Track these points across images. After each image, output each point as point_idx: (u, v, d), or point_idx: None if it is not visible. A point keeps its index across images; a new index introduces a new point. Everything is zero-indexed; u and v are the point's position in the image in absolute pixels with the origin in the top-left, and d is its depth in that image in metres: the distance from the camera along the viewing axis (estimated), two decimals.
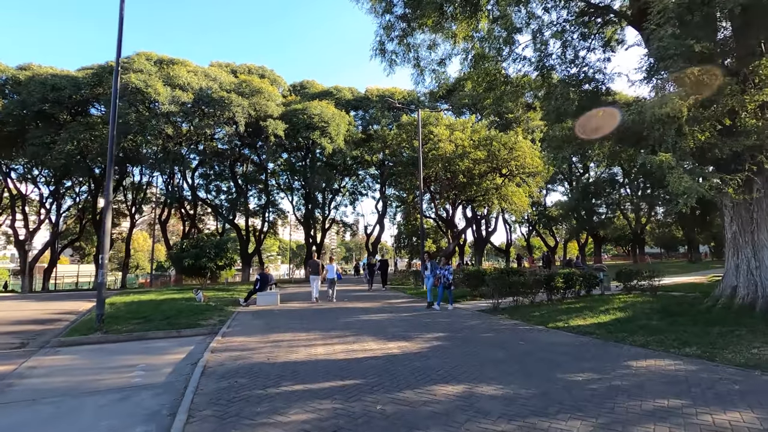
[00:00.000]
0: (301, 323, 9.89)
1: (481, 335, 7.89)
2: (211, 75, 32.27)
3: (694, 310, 8.30)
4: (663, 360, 5.78)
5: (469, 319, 10.00)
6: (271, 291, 14.07)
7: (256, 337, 8.23)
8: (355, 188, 49.07)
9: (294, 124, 32.97)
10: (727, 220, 8.23)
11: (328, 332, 8.57)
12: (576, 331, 7.93)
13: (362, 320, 10.27)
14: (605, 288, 15.29)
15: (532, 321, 9.31)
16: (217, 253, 20.40)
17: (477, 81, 11.35)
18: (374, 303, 14.29)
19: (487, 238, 45.45)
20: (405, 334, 8.20)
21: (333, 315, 11.37)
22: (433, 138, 26.14)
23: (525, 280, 12.07)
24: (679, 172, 6.04)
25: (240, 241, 41.31)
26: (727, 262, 8.32)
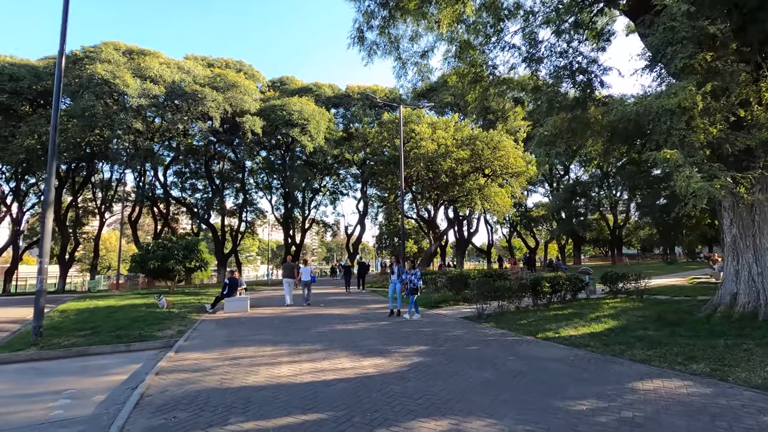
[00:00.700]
0: (269, 334, 8.97)
1: (467, 349, 7.14)
2: (184, 68, 30.83)
3: (692, 318, 7.76)
4: (671, 380, 5.13)
5: (453, 328, 9.26)
6: (240, 296, 13.05)
7: (214, 352, 7.28)
8: (335, 188, 48.09)
9: (272, 120, 31.81)
10: (726, 223, 7.73)
11: (297, 345, 7.69)
12: (569, 343, 7.27)
13: (336, 330, 9.41)
14: (590, 291, 14.85)
15: (520, 330, 8.63)
16: (186, 255, 19.15)
17: (462, 73, 10.63)
18: (351, 309, 13.44)
19: (469, 239, 45.10)
20: (382, 347, 7.38)
21: (305, 323, 10.47)
22: (414, 136, 25.45)
23: (511, 284, 11.43)
24: (688, 170, 5.44)
25: (215, 241, 39.83)
26: (726, 268, 7.81)
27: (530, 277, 12.51)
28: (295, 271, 16.22)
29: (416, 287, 10.53)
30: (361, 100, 38.13)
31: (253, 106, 31.36)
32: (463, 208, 27.07)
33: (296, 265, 16.65)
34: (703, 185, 5.28)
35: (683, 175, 5.40)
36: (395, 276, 11.41)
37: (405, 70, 13.49)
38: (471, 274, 14.61)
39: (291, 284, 15.90)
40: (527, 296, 12.21)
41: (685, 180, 5.35)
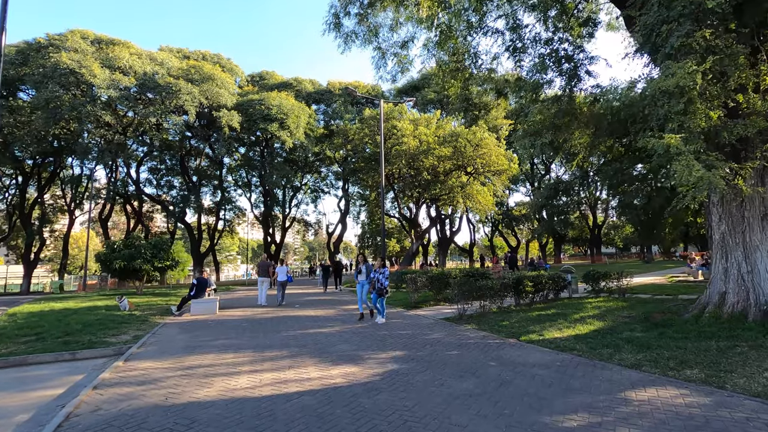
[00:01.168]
0: (234, 339, 8.29)
1: (446, 354, 6.62)
2: (157, 59, 29.59)
3: (680, 319, 7.43)
4: (665, 388, 4.70)
5: (432, 331, 8.75)
6: (209, 297, 12.28)
7: (168, 360, 6.57)
8: (316, 186, 47.25)
9: (250, 115, 30.85)
10: (715, 219, 7.42)
11: (262, 352, 7.04)
12: (554, 347, 6.82)
13: (308, 334, 8.79)
14: (573, 291, 14.61)
15: (502, 332, 8.17)
16: (155, 254, 18.17)
17: (443, 63, 10.12)
18: (326, 310, 12.82)
19: (451, 238, 44.86)
20: (355, 353, 6.80)
21: (276, 326, 9.81)
22: (396, 133, 24.93)
23: (492, 284, 11.00)
24: (687, 158, 5.03)
25: (191, 240, 38.57)
26: (715, 266, 7.51)
27: (512, 277, 12.11)
28: (270, 270, 15.53)
29: (384, 288, 9.66)
30: (342, 96, 37.41)
31: (230, 100, 30.34)
32: (445, 207, 26.70)
33: (271, 263, 15.93)
34: (704, 174, 4.86)
35: (683, 164, 4.98)
36: (363, 276, 10.58)
37: (384, 61, 12.96)
38: (452, 273, 14.16)
39: (265, 283, 15.27)
40: (509, 296, 11.83)
41: (686, 169, 4.94)
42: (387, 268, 10.08)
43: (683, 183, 5.07)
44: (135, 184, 34.98)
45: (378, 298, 9.79)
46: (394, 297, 15.55)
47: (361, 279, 10.54)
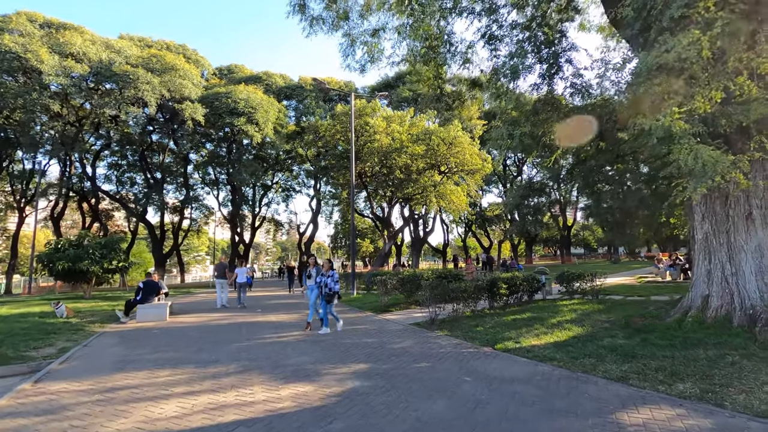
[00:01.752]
0: (178, 351, 7.31)
1: (415, 367, 5.91)
2: (114, 47, 27.70)
3: (661, 324, 7.01)
4: (659, 407, 4.15)
5: (402, 338, 8.04)
6: (158, 302, 11.15)
7: (89, 380, 5.58)
8: (288, 184, 45.91)
9: (216, 108, 29.37)
10: (698, 218, 7.05)
11: (205, 367, 6.13)
12: (532, 356, 6.23)
13: (264, 343, 7.90)
14: (547, 292, 14.26)
15: (476, 339, 7.55)
16: (104, 255, 16.71)
17: (415, 50, 9.44)
18: (290, 314, 11.91)
19: (425, 238, 44.50)
20: (313, 367, 6.00)
21: (229, 334, 8.86)
22: (369, 130, 24.17)
23: (466, 286, 10.40)
24: (689, 142, 4.51)
25: (152, 239, 36.56)
26: (697, 268, 7.14)
27: (486, 279, 11.58)
28: (227, 272, 14.50)
29: (333, 292, 8.67)
30: (314, 91, 36.34)
31: (194, 92, 28.77)
32: (418, 206, 26.15)
33: (227, 264, 14.88)
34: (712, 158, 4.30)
35: (686, 148, 4.44)
36: (312, 280, 9.53)
37: (353, 49, 12.17)
38: (424, 274, 13.53)
39: (224, 285, 14.29)
40: (483, 299, 11.29)
41: (690, 153, 4.40)
42: (335, 270, 9.13)
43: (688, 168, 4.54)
44: (90, 180, 32.72)
45: (326, 305, 8.76)
46: (364, 300, 14.80)
47: (310, 283, 9.52)
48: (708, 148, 4.47)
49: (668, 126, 4.48)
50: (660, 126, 4.54)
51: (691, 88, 4.65)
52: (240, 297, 14.16)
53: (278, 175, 44.25)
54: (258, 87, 33.52)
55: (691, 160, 4.46)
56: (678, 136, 4.55)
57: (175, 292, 21.60)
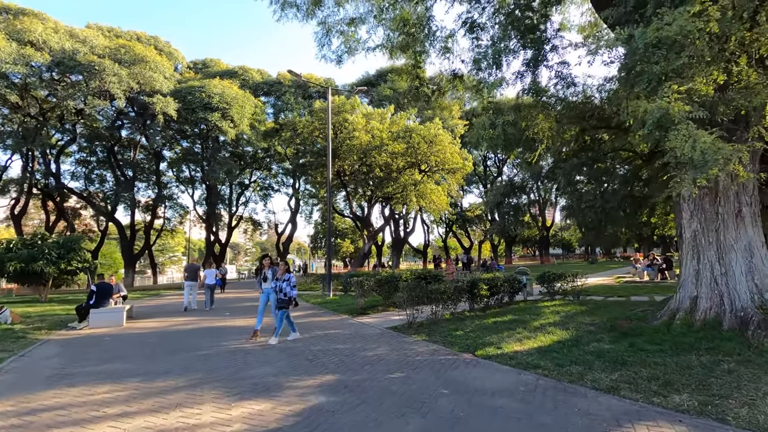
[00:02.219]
0: (126, 362, 6.57)
1: (389, 378, 5.37)
2: (79, 36, 26.28)
3: (648, 327, 6.66)
4: (657, 424, 3.71)
5: (376, 344, 7.49)
6: (114, 306, 10.29)
7: (11, 399, 4.82)
8: (266, 183, 44.79)
9: (189, 103, 28.22)
10: (686, 216, 6.74)
11: (153, 381, 5.43)
12: (515, 363, 5.77)
13: (225, 351, 7.23)
14: (528, 293, 13.96)
15: (455, 345, 7.05)
16: (61, 255, 15.59)
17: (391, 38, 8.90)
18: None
19: (405, 238, 44.13)
20: (275, 380, 5.39)
21: (189, 341, 8.14)
22: (347, 126, 23.54)
23: (445, 287, 9.93)
24: (688, 128, 4.10)
25: (121, 239, 34.97)
26: (685, 268, 6.83)
27: (467, 280, 11.15)
28: (197, 273, 13.71)
29: (288, 298, 7.81)
30: (293, 87, 35.48)
31: (165, 86, 27.58)
32: (398, 205, 25.67)
33: (200, 266, 14.08)
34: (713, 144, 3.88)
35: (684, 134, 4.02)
36: (268, 283, 8.67)
37: (329, 38, 11.58)
38: (403, 275, 13.01)
39: (193, 288, 13.52)
40: (464, 300, 10.85)
41: (688, 140, 3.98)
42: (292, 274, 8.13)
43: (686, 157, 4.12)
44: (54, 176, 31.01)
45: (279, 311, 7.89)
46: (340, 302, 14.20)
47: (265, 287, 8.65)
48: (707, 135, 4.07)
49: (665, 108, 4.06)
50: (656, 108, 4.10)
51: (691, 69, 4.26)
52: (208, 299, 13.48)
53: (256, 174, 43.16)
54: (234, 82, 32.47)
55: (689, 147, 4.04)
56: (676, 120, 4.13)
57: (142, 294, 20.54)
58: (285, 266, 8.08)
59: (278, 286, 7.88)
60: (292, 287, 7.88)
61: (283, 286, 7.82)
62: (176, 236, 62.68)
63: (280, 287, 7.85)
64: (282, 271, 8.04)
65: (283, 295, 7.80)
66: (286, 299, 7.81)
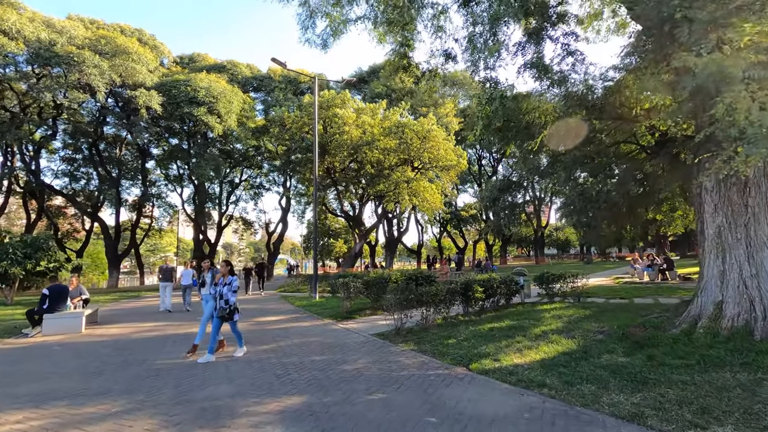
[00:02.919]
0: (62, 379, 5.65)
1: (367, 400, 4.50)
2: (57, 26, 25.14)
3: (667, 337, 5.85)
4: None
5: (358, 354, 6.61)
6: (74, 311, 9.32)
7: None
8: (256, 182, 43.70)
9: (174, 97, 27.14)
10: (708, 209, 5.95)
11: (81, 405, 4.52)
12: (516, 380, 4.92)
13: (182, 364, 6.33)
14: (526, 295, 13.16)
15: (447, 356, 6.20)
16: (28, 255, 14.56)
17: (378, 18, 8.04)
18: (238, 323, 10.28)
19: (399, 238, 43.29)
20: (229, 402, 4.50)
21: (147, 351, 7.21)
22: (337, 121, 22.64)
23: (437, 290, 9.07)
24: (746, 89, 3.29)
25: (106, 239, 33.78)
26: (707, 268, 6.02)
27: (461, 281, 10.30)
28: (172, 274, 12.81)
29: (229, 306, 6.58)
30: (283, 83, 34.52)
31: (149, 79, 26.53)
32: (390, 204, 24.79)
33: (174, 268, 13.18)
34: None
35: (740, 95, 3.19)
36: (207, 288, 7.51)
37: (313, 21, 10.70)
38: (392, 276, 12.15)
39: (167, 288, 12.68)
40: (457, 303, 10.01)
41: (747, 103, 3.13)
42: (235, 277, 6.83)
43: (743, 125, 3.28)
44: (33, 173, 29.79)
45: (229, 323, 6.68)
46: (325, 305, 13.29)
47: (204, 293, 7.42)
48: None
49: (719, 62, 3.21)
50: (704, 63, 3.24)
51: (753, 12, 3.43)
52: (185, 300, 12.72)
53: (247, 172, 42.11)
54: (221, 76, 31.45)
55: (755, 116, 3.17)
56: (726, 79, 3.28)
57: (119, 296, 19.51)
58: (227, 268, 6.83)
59: (218, 292, 6.64)
60: (233, 293, 6.66)
61: (223, 291, 6.59)
62: (167, 236, 61.50)
63: (220, 293, 6.61)
64: (223, 273, 6.81)
65: (224, 303, 6.58)
66: (227, 309, 6.59)
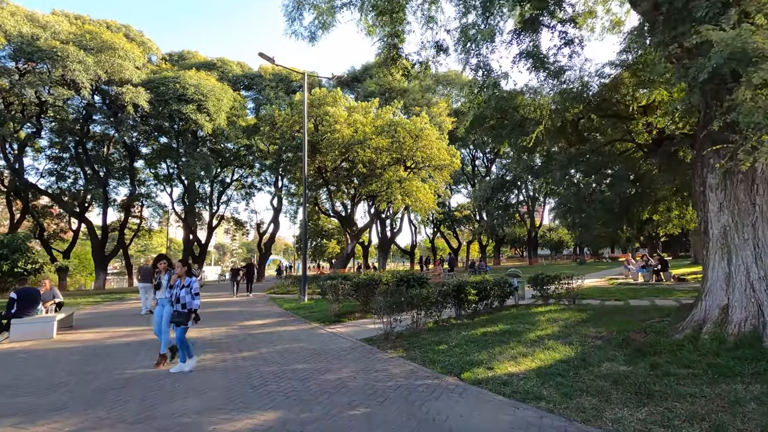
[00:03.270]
0: (16, 392, 5.19)
1: (347, 416, 4.10)
2: (40, 21, 24.49)
3: (669, 342, 5.51)
4: None
5: (342, 363, 6.21)
6: (43, 316, 8.82)
7: None
8: (247, 181, 43.09)
9: (162, 94, 26.56)
10: (713, 207, 5.64)
11: (29, 425, 4.08)
12: (511, 392, 4.56)
13: (149, 375, 5.89)
14: (520, 297, 12.85)
15: (437, 364, 5.82)
16: (4, 256, 14.00)
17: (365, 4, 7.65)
18: (218, 327, 9.86)
19: (392, 239, 42.85)
20: (194, 420, 4.08)
21: (118, 360, 6.76)
22: (328, 119, 22.21)
23: (428, 293, 8.70)
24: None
25: (92, 239, 33.04)
26: (712, 270, 5.70)
27: (452, 283, 9.94)
28: (152, 276, 12.28)
29: (188, 311, 5.89)
30: (274, 81, 34.01)
31: (136, 75, 25.95)
32: (382, 204, 24.38)
33: (151, 269, 12.68)
34: None
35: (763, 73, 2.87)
36: (162, 292, 6.62)
37: (300, 12, 10.31)
38: (383, 278, 11.76)
39: (147, 290, 12.19)
40: (449, 306, 9.64)
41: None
42: (195, 278, 6.07)
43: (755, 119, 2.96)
44: (15, 171, 28.99)
45: (178, 329, 5.94)
46: (314, 308, 12.85)
47: (159, 296, 6.67)
48: None
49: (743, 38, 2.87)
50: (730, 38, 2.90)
51: None
52: None
53: (239, 172, 41.50)
54: (211, 74, 30.92)
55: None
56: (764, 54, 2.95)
57: (103, 298, 18.92)
58: (183, 268, 6.11)
59: (175, 295, 5.98)
60: (192, 296, 5.93)
61: (181, 294, 5.91)
62: (158, 236, 60.73)
63: (177, 296, 5.94)
64: (179, 273, 6.07)
65: (181, 307, 5.88)
66: (184, 313, 5.87)
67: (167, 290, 6.25)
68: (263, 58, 14.41)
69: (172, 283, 6.12)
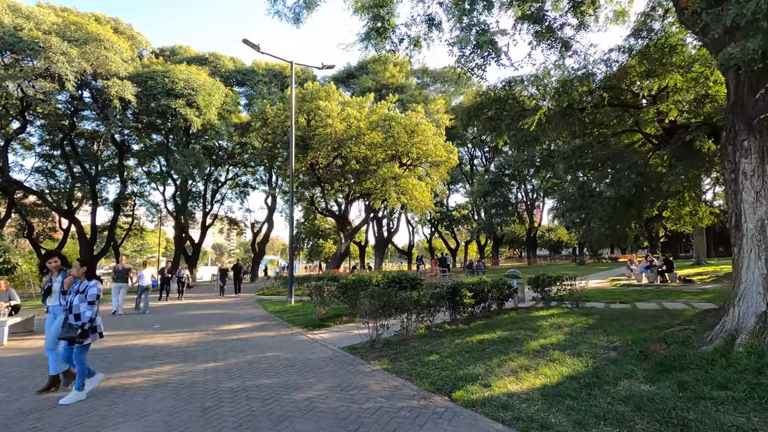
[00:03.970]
0: None
1: None
2: (24, 12, 23.61)
3: (697, 356, 4.71)
4: None
5: (316, 377, 5.38)
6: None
7: None
8: (240, 180, 42.22)
9: (150, 88, 25.69)
10: (748, 198, 4.83)
11: None
12: (511, 420, 3.74)
13: (94, 390, 5.05)
14: (519, 299, 12.07)
15: (425, 380, 5.01)
16: None
17: None
18: (191, 332, 9.00)
19: (389, 238, 42.09)
20: None
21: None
22: (320, 113, 21.39)
23: (419, 295, 7.88)
24: None
25: (80, 239, 32.14)
26: (746, 271, 4.89)
27: (446, 284, 9.12)
28: (128, 275, 11.52)
29: (81, 325, 4.61)
30: (267, 77, 33.20)
31: (123, 68, 25.05)
32: (377, 202, 23.58)
33: (130, 268, 11.88)
34: None
35: None
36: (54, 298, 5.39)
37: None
38: (373, 279, 10.95)
39: (121, 290, 11.41)
40: (443, 309, 8.83)
41: None
42: (95, 281, 4.83)
43: None
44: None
45: (76, 351, 4.68)
46: (300, 311, 12.00)
47: (50, 304, 5.42)
48: None
49: None
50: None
51: None
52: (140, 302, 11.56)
53: (233, 170, 40.66)
54: (203, 69, 30.07)
55: None
56: None
57: None
58: (82, 269, 4.91)
59: (69, 302, 4.72)
60: (88, 305, 4.67)
61: (73, 301, 4.68)
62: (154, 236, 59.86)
63: (71, 304, 4.71)
64: (75, 275, 4.85)
65: (75, 318, 4.62)
66: (77, 326, 4.58)
67: (60, 296, 5.02)
68: (248, 45, 13.58)
69: (66, 287, 4.89)
